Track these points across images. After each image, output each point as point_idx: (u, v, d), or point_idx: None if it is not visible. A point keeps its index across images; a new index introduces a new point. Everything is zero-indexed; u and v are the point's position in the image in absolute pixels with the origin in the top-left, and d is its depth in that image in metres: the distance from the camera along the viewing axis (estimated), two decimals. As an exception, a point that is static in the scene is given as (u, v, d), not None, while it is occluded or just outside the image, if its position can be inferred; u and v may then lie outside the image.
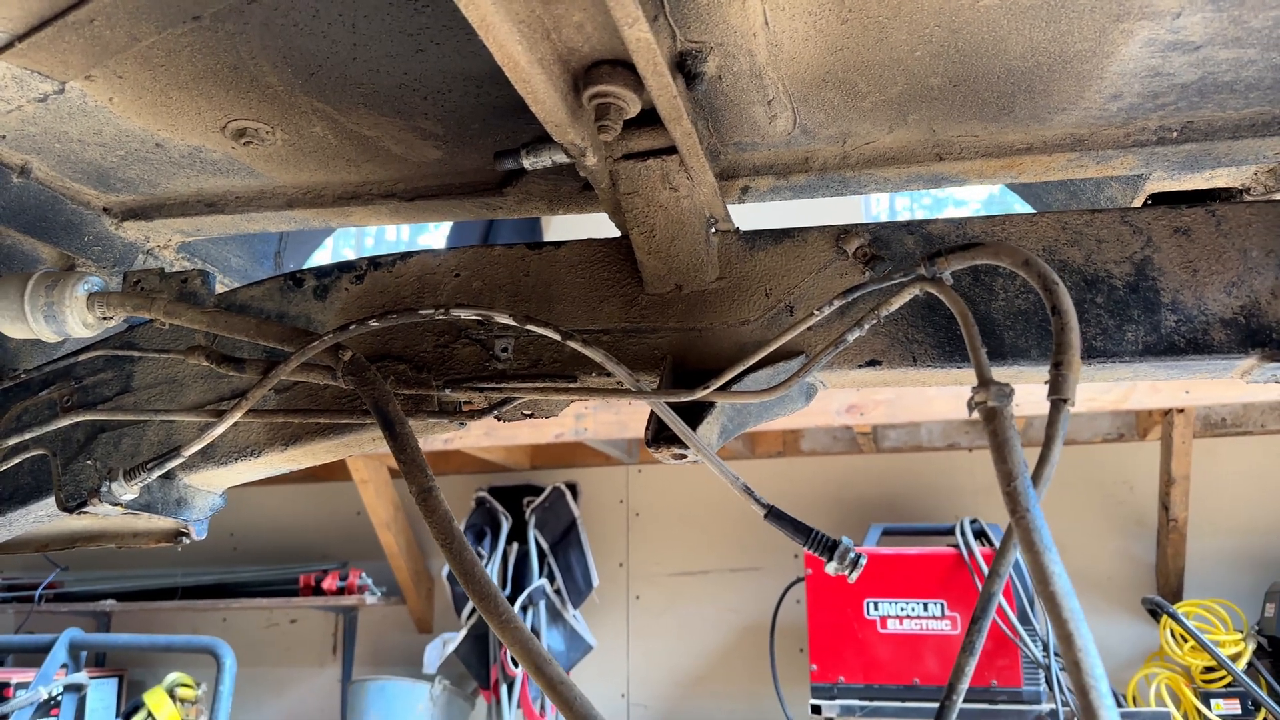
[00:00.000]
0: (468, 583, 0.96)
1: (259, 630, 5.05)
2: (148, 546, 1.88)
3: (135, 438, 1.25)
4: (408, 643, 4.87)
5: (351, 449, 1.29)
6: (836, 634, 3.65)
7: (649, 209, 1.10)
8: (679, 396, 1.02)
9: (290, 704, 4.99)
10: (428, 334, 1.25)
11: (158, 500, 1.24)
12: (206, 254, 1.57)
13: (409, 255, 1.29)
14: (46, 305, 1.14)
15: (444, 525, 1.00)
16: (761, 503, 0.99)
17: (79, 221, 1.37)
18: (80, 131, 1.20)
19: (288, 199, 1.35)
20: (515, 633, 0.93)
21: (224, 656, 3.67)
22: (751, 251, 1.20)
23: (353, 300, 1.28)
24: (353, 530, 5.00)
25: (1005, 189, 6.26)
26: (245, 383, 1.22)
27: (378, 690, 4.28)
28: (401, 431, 1.06)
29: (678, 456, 1.03)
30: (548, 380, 1.18)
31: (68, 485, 1.22)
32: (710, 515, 4.68)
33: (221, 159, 1.26)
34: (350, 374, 1.12)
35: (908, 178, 1.25)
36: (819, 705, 3.58)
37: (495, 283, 1.26)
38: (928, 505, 4.46)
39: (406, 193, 1.34)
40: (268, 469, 1.29)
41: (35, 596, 4.86)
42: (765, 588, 4.46)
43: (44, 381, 1.30)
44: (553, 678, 0.90)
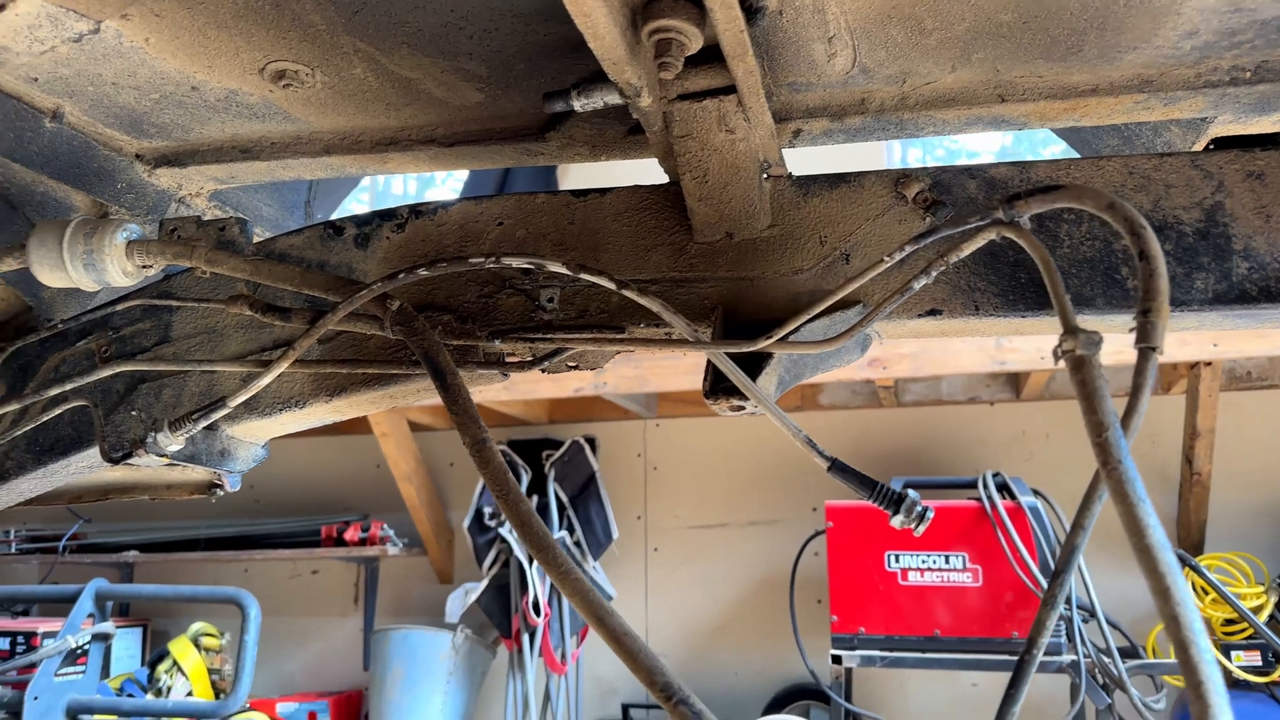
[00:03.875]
0: (525, 534, 0.95)
1: (282, 581, 5.10)
2: (181, 498, 1.88)
3: (176, 388, 1.23)
4: (429, 593, 4.91)
5: (395, 400, 1.27)
6: (857, 586, 3.67)
7: (702, 152, 1.06)
8: (739, 347, 0.99)
9: (313, 653, 5.05)
10: (471, 284, 1.22)
11: (202, 451, 1.22)
12: (238, 203, 1.54)
13: (450, 204, 1.26)
14: (86, 253, 1.12)
15: (499, 476, 0.98)
16: (825, 455, 0.96)
17: (111, 168, 1.34)
18: (114, 74, 1.16)
19: (324, 145, 1.31)
20: (575, 584, 0.91)
21: (249, 607, 3.71)
22: (805, 197, 1.17)
23: (394, 249, 1.25)
24: (373, 482, 5.03)
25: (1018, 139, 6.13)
26: (288, 333, 1.20)
27: (401, 639, 4.33)
28: (453, 382, 1.04)
29: (735, 408, 1.01)
30: (595, 331, 1.16)
31: (110, 436, 1.21)
32: (728, 469, 4.68)
33: (258, 103, 1.23)
34: (399, 324, 1.09)
35: (967, 120, 1.21)
36: (839, 655, 3.61)
37: (539, 231, 1.22)
38: (949, 459, 4.45)
39: (446, 138, 1.30)
40: (311, 420, 1.27)
41: (59, 548, 4.91)
42: (783, 541, 4.47)
43: (81, 332, 1.28)
44: (615, 629, 0.88)
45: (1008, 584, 3.58)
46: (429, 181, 9.62)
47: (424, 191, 9.60)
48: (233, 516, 4.97)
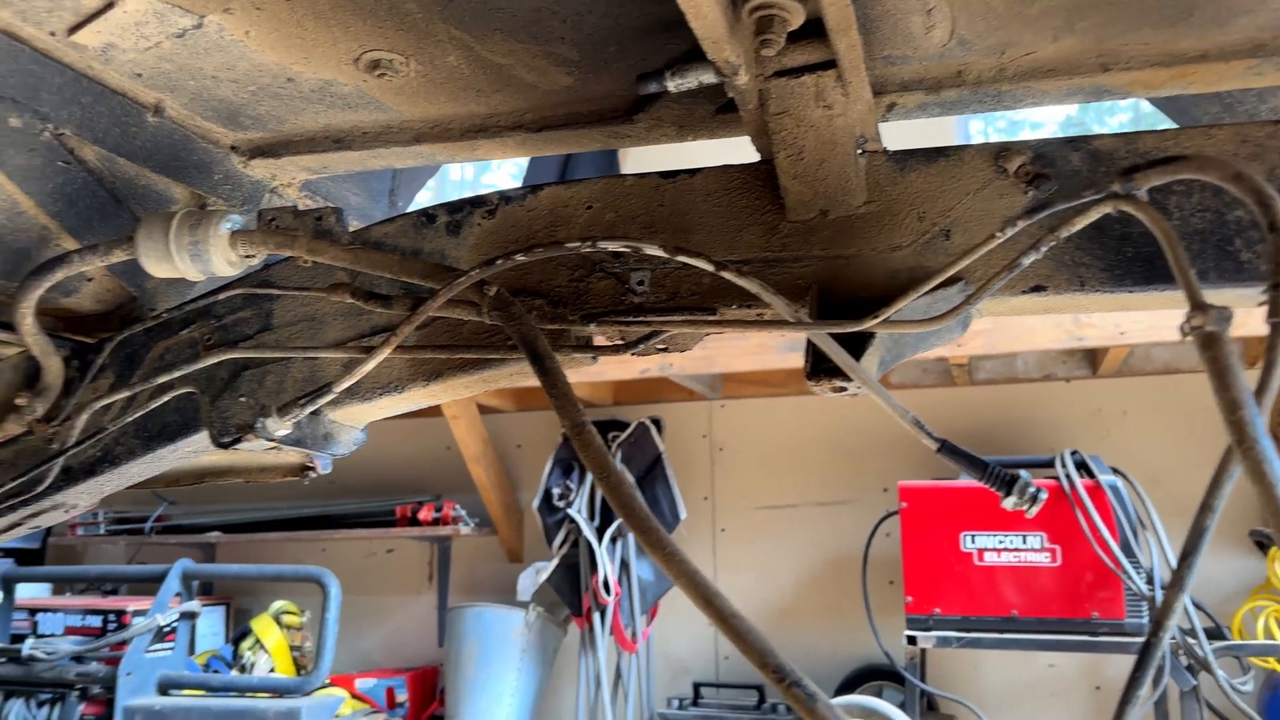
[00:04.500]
0: (628, 516, 0.95)
1: (358, 560, 5.22)
2: (275, 481, 1.93)
3: (280, 375, 1.26)
4: (499, 572, 4.99)
5: (489, 384, 1.28)
6: (932, 566, 3.62)
7: (798, 129, 1.05)
8: (843, 327, 0.98)
9: (390, 630, 5.17)
10: (562, 268, 1.22)
11: (307, 435, 1.25)
12: (327, 192, 1.57)
13: (539, 189, 1.26)
14: (191, 244, 1.15)
15: (599, 459, 0.98)
16: (933, 436, 0.95)
17: (209, 160, 1.37)
18: (214, 67, 1.19)
19: (415, 133, 1.33)
20: (680, 566, 0.91)
21: (329, 585, 3.81)
22: (902, 173, 1.15)
23: (485, 235, 1.26)
24: (443, 464, 5.11)
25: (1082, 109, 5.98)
26: (387, 319, 1.22)
27: (475, 616, 4.40)
28: (551, 366, 1.05)
29: (838, 389, 1.00)
30: (687, 313, 1.16)
31: (218, 422, 1.25)
32: (796, 450, 4.65)
33: (351, 93, 1.24)
34: (496, 309, 1.10)
35: (1067, 90, 1.17)
36: (914, 636, 3.58)
37: (629, 214, 1.22)
38: (1023, 438, 4.37)
39: (534, 123, 1.31)
40: (409, 404, 1.29)
41: (145, 529, 5.09)
42: (853, 521, 4.43)
43: (185, 321, 1.32)
44: (723, 610, 0.89)
45: (1087, 564, 3.51)
46: (484, 168, 9.68)
47: (479, 177, 9.67)
48: (310, 498, 5.10)
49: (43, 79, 1.14)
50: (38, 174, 1.18)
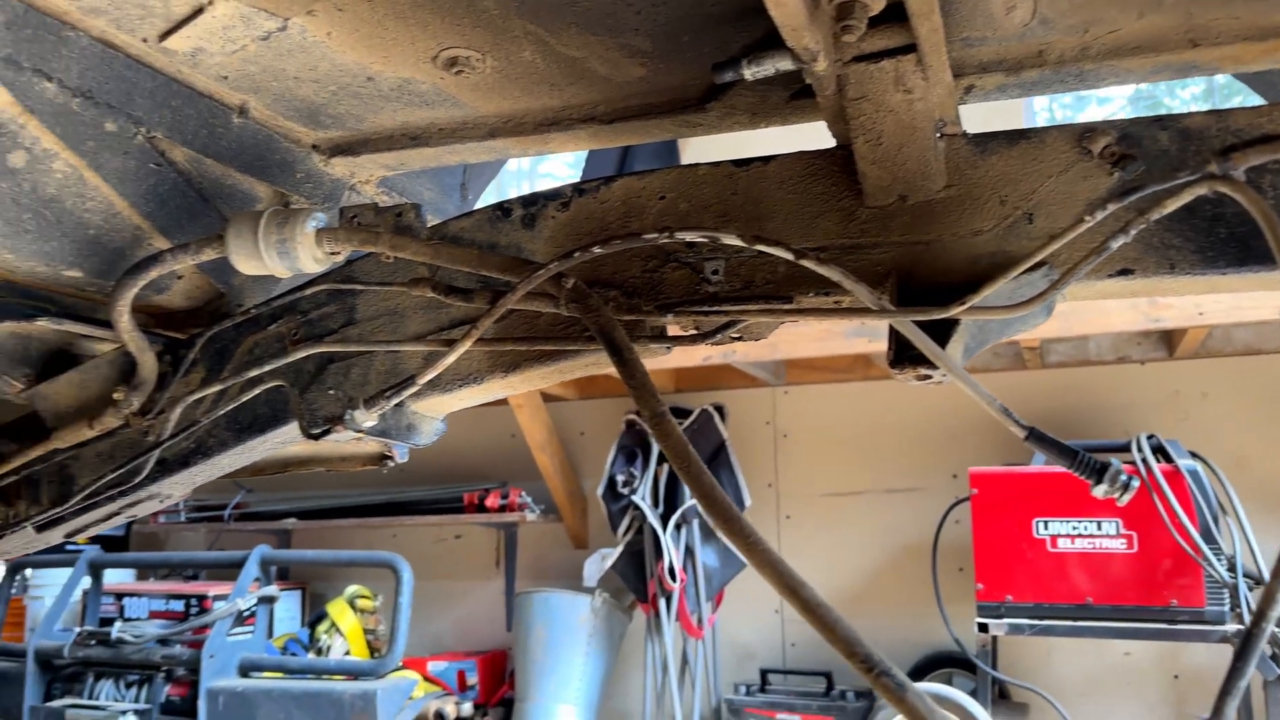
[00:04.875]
0: (709, 506, 0.96)
1: (427, 545, 5.33)
2: (355, 470, 1.98)
3: (364, 367, 1.29)
4: (565, 558, 5.04)
5: (565, 374, 1.30)
6: (1004, 553, 3.57)
7: (877, 114, 1.04)
8: (928, 314, 0.97)
9: (459, 613, 5.27)
10: (635, 259, 1.23)
11: (391, 427, 1.28)
12: (403, 188, 1.60)
13: (612, 180, 1.27)
14: (279, 242, 1.18)
15: (679, 449, 0.99)
16: (1021, 424, 0.94)
17: (291, 159, 1.40)
18: (296, 68, 1.22)
19: (490, 129, 1.35)
20: (764, 555, 0.92)
21: (402, 570, 3.89)
22: (982, 156, 1.13)
23: (560, 228, 1.27)
24: (509, 451, 5.17)
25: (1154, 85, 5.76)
26: (466, 312, 1.24)
27: (542, 601, 4.46)
28: (629, 357, 1.06)
29: (922, 377, 0.99)
30: (763, 301, 1.15)
31: (307, 414, 1.28)
32: (862, 436, 4.61)
33: (429, 90, 1.27)
34: (574, 301, 1.12)
35: (1153, 68, 1.14)
36: (985, 624, 3.53)
37: (702, 203, 1.22)
38: (1097, 422, 4.26)
39: (606, 115, 1.31)
40: (488, 395, 1.32)
41: (224, 516, 5.26)
42: (922, 508, 4.38)
43: (272, 316, 1.35)
44: (809, 600, 0.89)
45: (1165, 550, 3.42)
46: (540, 158, 9.74)
47: (536, 167, 9.73)
48: (380, 485, 5.21)
49: (135, 84, 1.18)
50: (132, 176, 1.22)
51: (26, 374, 1.40)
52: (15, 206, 1.15)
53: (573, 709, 4.29)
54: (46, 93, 1.10)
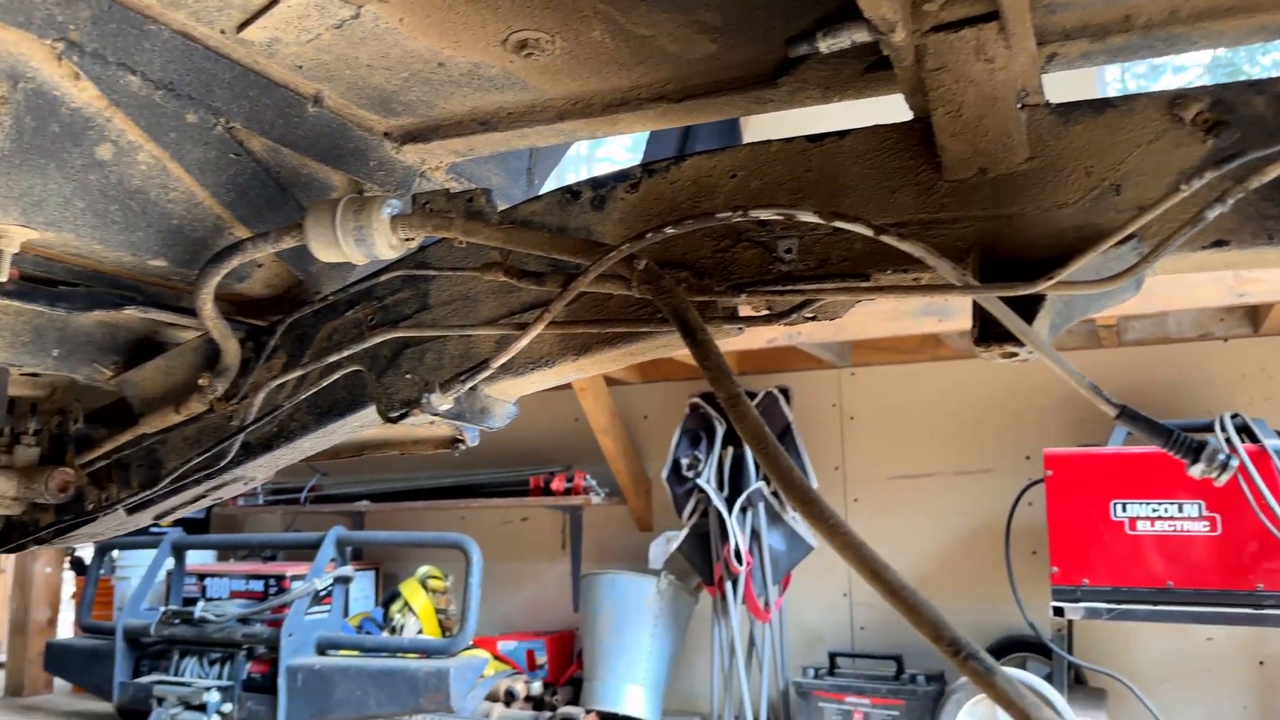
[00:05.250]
0: (788, 489, 0.95)
1: (494, 527, 5.40)
2: (427, 453, 2.01)
3: (438, 352, 1.31)
4: (630, 540, 5.07)
5: (635, 356, 1.30)
6: (1080, 536, 3.48)
7: (957, 85, 1.01)
8: (1015, 290, 0.94)
9: (526, 594, 5.34)
10: (707, 239, 1.22)
11: (466, 410, 1.30)
12: (471, 174, 1.61)
13: (682, 159, 1.26)
14: (356, 229, 1.20)
15: (755, 430, 0.98)
16: (1112, 402, 0.91)
17: (364, 147, 1.42)
18: (369, 56, 1.23)
19: (558, 111, 1.34)
20: (846, 537, 0.91)
21: (471, 551, 3.96)
22: (1066, 126, 1.09)
23: (630, 209, 1.26)
24: (572, 435, 5.21)
25: (1232, 51, 5.55)
26: (538, 296, 1.25)
27: (609, 583, 4.49)
28: (703, 339, 1.05)
29: (1008, 355, 0.96)
30: (838, 280, 1.13)
31: (384, 398, 1.30)
32: (930, 418, 4.53)
33: (498, 74, 1.27)
34: (646, 282, 1.11)
35: (1249, 30, 1.09)
36: (1061, 607, 3.46)
37: (775, 180, 1.21)
38: (1177, 401, 4.13)
39: (675, 93, 1.30)
40: (559, 378, 1.32)
41: (300, 499, 5.40)
42: (994, 490, 4.30)
43: (349, 302, 1.37)
44: (893, 583, 0.87)
45: (1251, 533, 3.30)
46: (598, 142, 9.73)
47: (594, 150, 9.73)
48: (448, 469, 5.29)
49: (214, 75, 1.21)
50: (212, 166, 1.25)
51: (115, 361, 1.44)
52: (103, 198, 1.19)
53: (640, 689, 4.32)
54: (131, 86, 1.13)
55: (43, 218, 1.14)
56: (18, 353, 1.32)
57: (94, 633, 4.61)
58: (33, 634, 5.43)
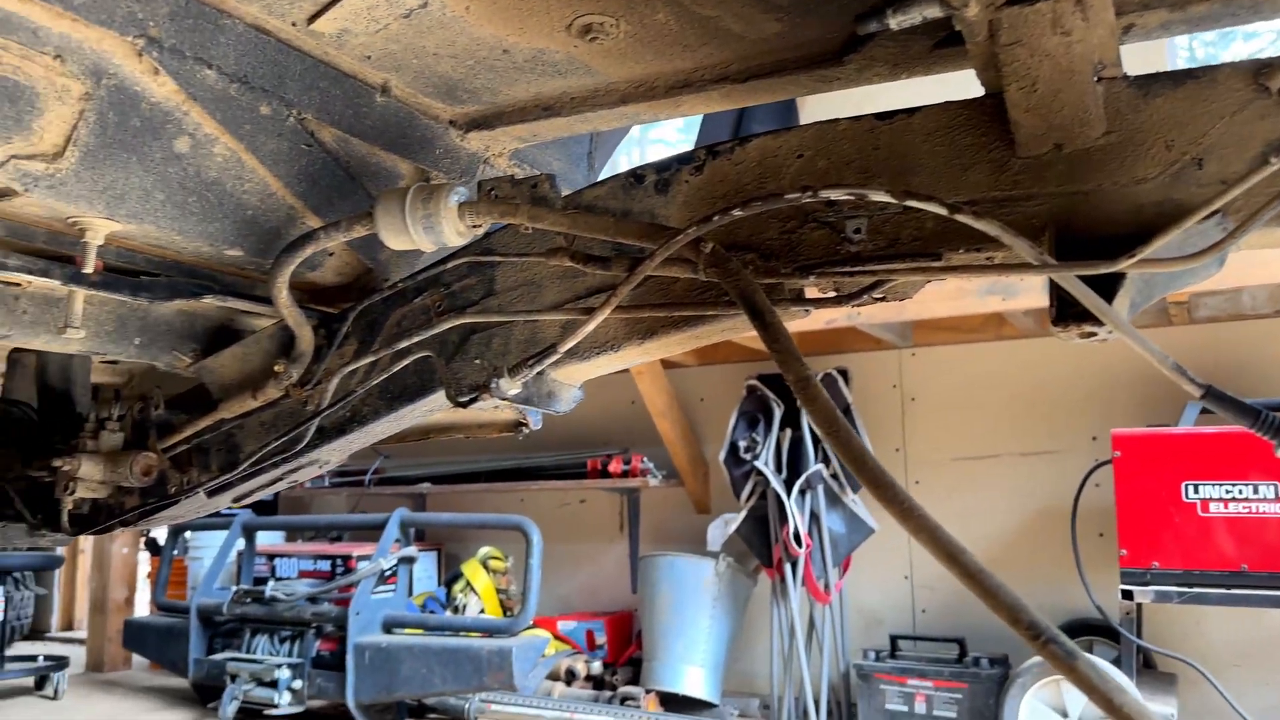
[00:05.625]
0: (861, 471, 0.94)
1: (552, 509, 5.46)
2: (491, 436, 2.04)
3: (504, 337, 1.32)
4: (687, 522, 5.08)
5: (700, 340, 1.30)
6: (1150, 518, 3.40)
7: (1032, 60, 0.98)
8: (1095, 268, 0.92)
9: (585, 575, 5.39)
10: (772, 220, 1.21)
11: (533, 394, 1.31)
12: (533, 159, 1.62)
13: (747, 140, 1.25)
14: (425, 217, 1.21)
15: (826, 414, 0.97)
16: (1196, 382, 0.89)
17: (430, 135, 1.44)
18: (435, 44, 1.24)
19: (621, 94, 1.34)
20: (920, 520, 0.90)
21: (531, 533, 4.01)
22: (1145, 99, 1.06)
23: (694, 192, 1.26)
24: (629, 418, 5.23)
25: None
26: (603, 280, 1.25)
27: (667, 565, 4.52)
28: (772, 321, 1.04)
29: (1086, 335, 0.94)
30: (909, 260, 1.12)
31: (453, 383, 1.32)
32: (993, 399, 4.46)
33: (562, 59, 1.27)
34: (712, 266, 1.11)
35: (1341, -8, 1.04)
36: (1130, 591, 3.39)
37: (843, 159, 1.19)
38: (1252, 380, 4.00)
39: (740, 74, 1.29)
40: (624, 362, 1.33)
41: (365, 481, 5.51)
42: (1060, 471, 4.22)
43: (417, 290, 1.40)
44: (969, 566, 0.87)
45: None
46: (650, 125, 9.69)
47: (646, 134, 9.69)
48: (507, 452, 5.36)
49: (286, 67, 1.23)
50: (285, 157, 1.28)
51: (193, 349, 1.49)
52: (182, 190, 1.22)
53: (700, 670, 4.34)
54: (207, 80, 1.16)
55: (125, 210, 1.18)
56: (102, 341, 1.37)
57: (169, 611, 4.78)
58: (111, 612, 5.64)
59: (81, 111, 1.10)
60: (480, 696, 4.24)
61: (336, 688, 4.02)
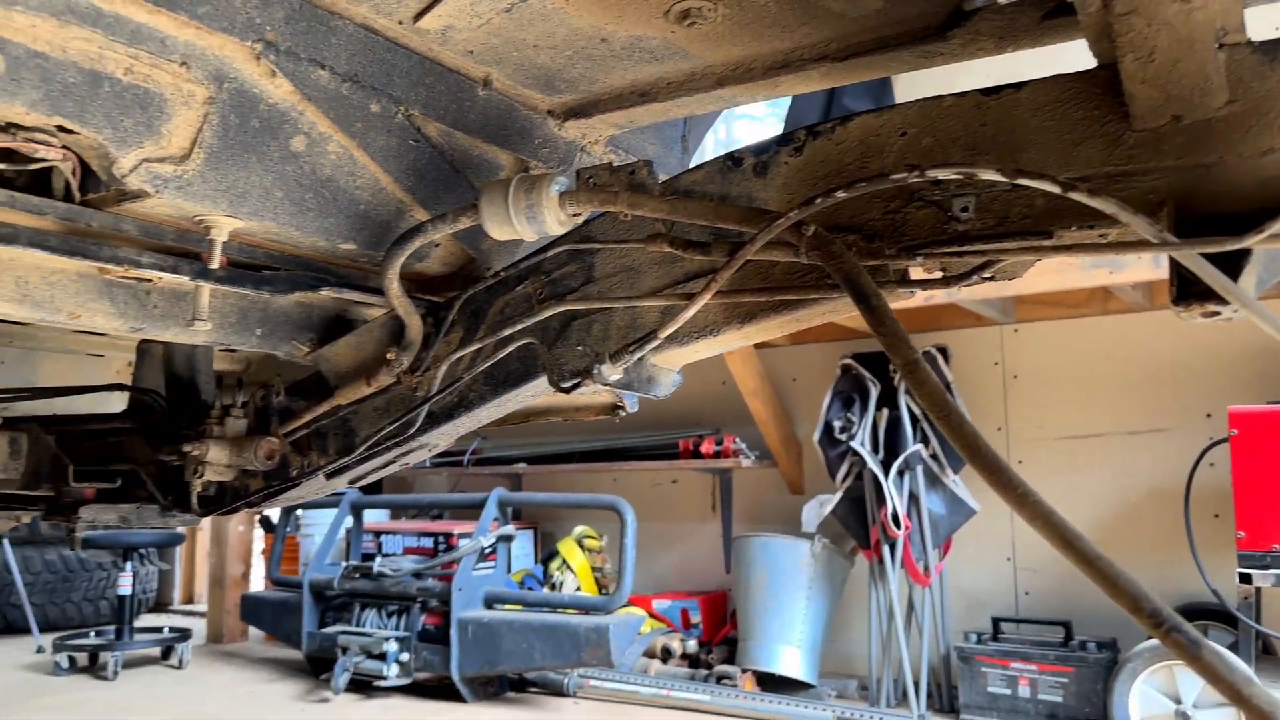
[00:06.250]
0: (973, 456, 0.93)
1: (645, 489, 5.51)
2: (590, 419, 2.07)
3: (604, 323, 1.34)
4: (781, 503, 5.06)
5: (801, 322, 1.29)
6: (1270, 498, 3.25)
7: (1149, 29, 0.95)
8: (1220, 244, 0.89)
9: (678, 555, 5.43)
10: (876, 200, 1.20)
11: (634, 379, 1.33)
12: (629, 145, 1.63)
13: (848, 120, 1.24)
14: (528, 207, 1.24)
15: (936, 397, 0.96)
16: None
17: (529, 126, 1.46)
18: (535, 36, 1.26)
19: (718, 78, 1.34)
20: (1035, 506, 0.88)
21: (625, 513, 4.06)
22: (1271, 66, 1.00)
23: (793, 174, 1.25)
24: (720, 398, 5.23)
25: None
26: (701, 265, 1.26)
27: (762, 545, 4.52)
28: (877, 304, 1.03)
29: (1210, 314, 0.91)
30: (1019, 239, 1.09)
31: (555, 369, 1.35)
32: (1100, 376, 4.30)
33: (659, 45, 1.28)
34: (815, 248, 1.10)
35: None
36: (1248, 574, 3.24)
37: (948, 137, 1.17)
38: (1387, 352, 3.77)
39: (839, 52, 1.28)
40: (724, 346, 1.33)
41: (464, 461, 5.66)
42: (1171, 450, 4.05)
43: (518, 278, 1.43)
44: (1087, 553, 0.85)
45: None
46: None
47: (731, 110, 9.62)
48: (600, 433, 5.43)
49: (394, 65, 1.27)
50: (394, 153, 1.32)
51: (311, 338, 1.55)
52: (299, 187, 1.28)
53: (796, 651, 4.34)
54: (320, 80, 1.20)
55: (247, 208, 1.23)
56: (226, 333, 1.44)
57: (283, 586, 5.01)
58: (229, 587, 5.94)
59: (205, 115, 1.16)
60: (579, 672, 4.33)
61: (441, 661, 4.16)
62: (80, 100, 1.06)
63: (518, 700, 4.31)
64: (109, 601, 6.38)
